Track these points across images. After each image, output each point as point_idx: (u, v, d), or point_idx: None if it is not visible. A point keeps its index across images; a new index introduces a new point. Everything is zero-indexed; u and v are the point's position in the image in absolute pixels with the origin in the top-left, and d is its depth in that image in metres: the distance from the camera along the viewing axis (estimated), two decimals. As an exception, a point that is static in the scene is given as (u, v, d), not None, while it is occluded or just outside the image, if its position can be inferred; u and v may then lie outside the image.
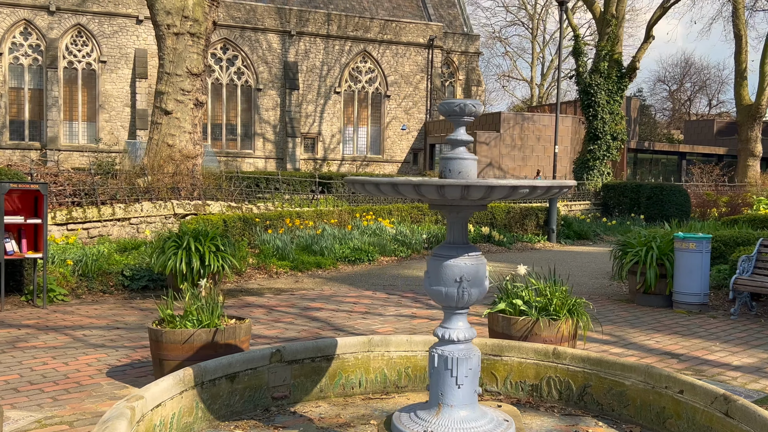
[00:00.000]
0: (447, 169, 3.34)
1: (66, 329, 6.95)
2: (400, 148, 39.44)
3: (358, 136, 38.76)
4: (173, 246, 8.58)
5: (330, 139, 37.88)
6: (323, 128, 37.48)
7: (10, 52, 30.88)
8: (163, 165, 14.43)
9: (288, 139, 36.02)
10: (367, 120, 38.90)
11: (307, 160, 37.21)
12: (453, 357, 3.33)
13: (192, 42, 14.11)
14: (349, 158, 38.30)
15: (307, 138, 37.35)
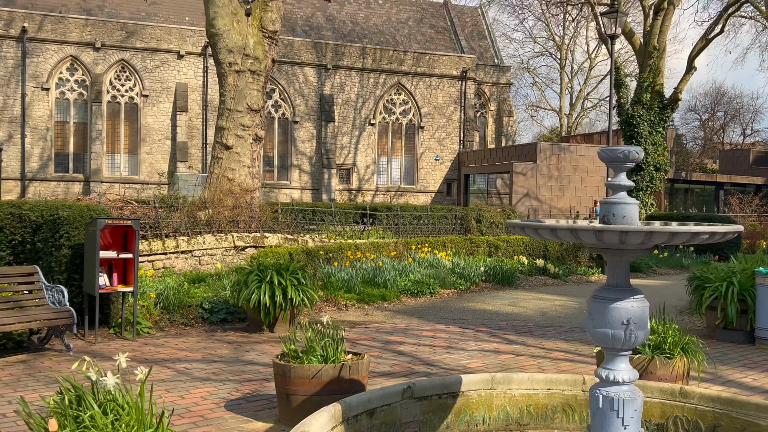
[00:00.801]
0: (611, 214, 3.47)
1: (165, 362, 7.13)
2: (433, 179, 39.67)
3: (392, 166, 39.09)
4: (256, 279, 8.78)
5: (364, 170, 38.24)
6: (358, 159, 37.87)
7: (57, 87, 31.78)
8: (222, 198, 14.73)
9: (324, 170, 36.43)
10: (400, 151, 39.25)
11: (342, 190, 37.54)
12: (619, 398, 3.43)
13: (252, 79, 14.50)
14: (383, 189, 38.59)
15: (342, 169, 37.74)
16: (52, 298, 7.59)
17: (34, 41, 30.77)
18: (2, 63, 30.46)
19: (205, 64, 33.79)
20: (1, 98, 30.57)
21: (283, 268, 8.92)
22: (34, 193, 31.32)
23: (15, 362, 7.00)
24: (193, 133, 34.13)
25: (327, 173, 36.45)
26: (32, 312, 7.13)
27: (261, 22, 14.43)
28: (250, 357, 7.47)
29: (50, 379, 6.33)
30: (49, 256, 8.93)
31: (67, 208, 8.93)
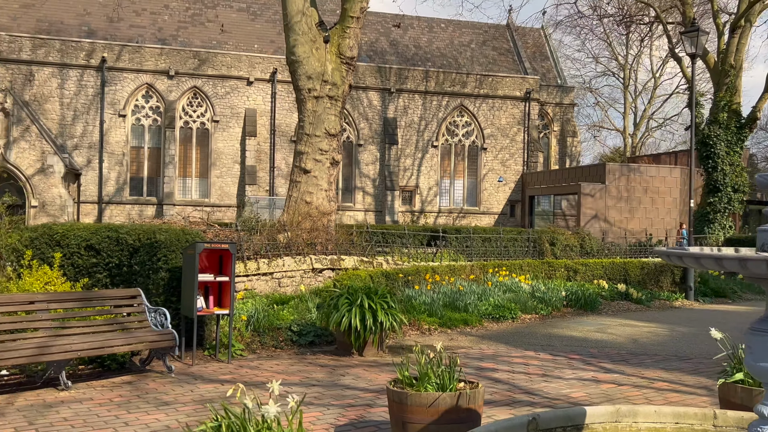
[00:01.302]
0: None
1: (264, 385, 7.19)
2: (496, 200, 39.34)
3: (454, 188, 38.97)
4: (346, 303, 8.82)
5: (427, 191, 38.25)
6: (420, 181, 37.92)
7: (133, 113, 33.01)
8: (301, 221, 14.93)
9: (387, 192, 36.59)
10: (463, 172, 39.12)
11: (404, 212, 37.61)
12: (782, 435, 3.27)
13: (330, 104, 14.72)
14: (446, 210, 38.47)
15: (405, 191, 37.84)
16: (155, 321, 7.79)
17: (113, 70, 32.10)
18: (83, 92, 31.86)
19: (273, 90, 34.56)
20: (82, 125, 31.92)
21: (372, 291, 8.94)
22: (109, 216, 32.47)
23: (121, 383, 7.19)
24: (261, 157, 34.83)
25: (390, 195, 36.61)
26: (137, 334, 7.33)
27: (339, 48, 14.68)
28: (347, 381, 7.48)
29: (159, 402, 6.47)
30: (146, 278, 9.19)
31: (164, 232, 9.19)
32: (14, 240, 10.01)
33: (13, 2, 32.91)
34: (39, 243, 10.08)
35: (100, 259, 9.76)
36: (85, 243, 9.81)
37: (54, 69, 31.49)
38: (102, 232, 9.83)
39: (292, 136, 34.90)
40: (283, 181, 35.00)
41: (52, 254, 9.82)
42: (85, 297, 7.53)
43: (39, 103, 31.34)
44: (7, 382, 6.99)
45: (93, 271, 9.77)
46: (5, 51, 30.77)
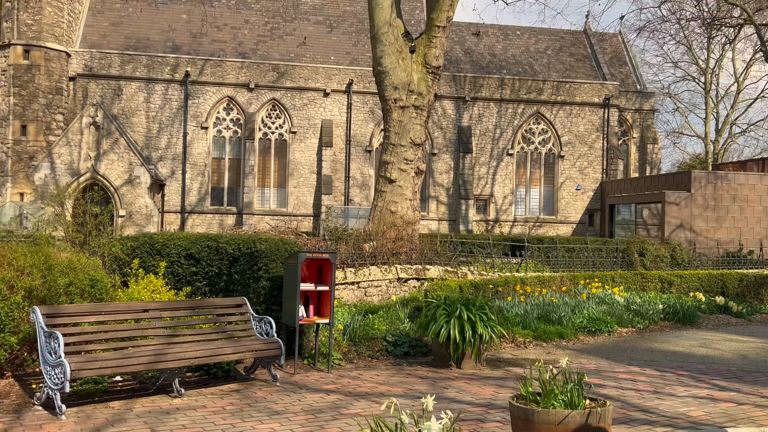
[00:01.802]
0: None
1: (370, 397, 7.17)
2: (574, 209, 38.44)
3: (530, 197, 38.31)
4: (444, 314, 8.71)
5: (502, 200, 37.74)
6: (495, 190, 37.46)
7: (215, 126, 33.95)
8: (385, 231, 14.94)
9: (461, 201, 36.31)
10: (539, 181, 38.43)
11: (478, 221, 37.21)
12: None
13: (416, 114, 14.69)
14: (521, 219, 37.85)
15: (479, 200, 37.45)
16: (260, 329, 7.89)
17: (196, 84, 33.15)
18: (168, 105, 33.01)
19: (348, 101, 34.89)
20: (166, 137, 33.06)
21: (470, 303, 8.80)
22: (191, 225, 33.45)
23: (229, 391, 7.29)
24: (337, 167, 35.19)
25: (464, 204, 36.30)
26: (245, 342, 7.43)
27: (425, 58, 14.65)
28: (451, 394, 7.36)
29: (271, 411, 6.51)
30: (246, 287, 9.34)
31: (263, 242, 9.33)
32: (117, 249, 10.38)
33: (103, 20, 34.48)
34: (140, 252, 10.42)
35: (199, 267, 10.00)
36: (185, 252, 10.08)
37: (141, 83, 32.77)
38: (202, 242, 10.07)
39: (367, 146, 35.18)
40: (358, 191, 35.28)
41: (153, 263, 10.13)
42: (195, 305, 7.70)
43: (126, 116, 32.66)
44: (121, 388, 7.20)
45: (193, 279, 10.02)
46: (96, 67, 32.25)
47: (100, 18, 34.69)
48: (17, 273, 7.07)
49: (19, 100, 30.46)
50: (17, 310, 6.73)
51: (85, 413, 6.23)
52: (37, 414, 6.15)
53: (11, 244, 8.01)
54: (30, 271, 7.17)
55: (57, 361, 6.03)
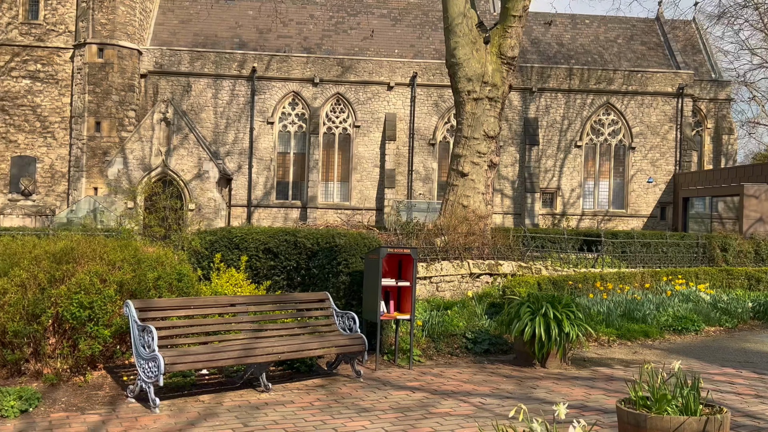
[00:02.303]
0: None
1: (456, 395, 7.00)
2: (645, 202, 37.25)
3: (599, 189, 37.31)
4: (528, 312, 8.46)
5: (569, 193, 36.88)
6: (562, 183, 36.63)
7: (280, 121, 34.32)
8: (457, 225, 14.72)
9: (526, 194, 35.66)
10: (608, 173, 37.37)
11: (545, 215, 36.49)
12: None
13: (490, 106, 14.40)
14: (590, 213, 36.91)
15: (546, 193, 36.71)
16: (342, 324, 7.82)
17: (262, 80, 33.56)
18: (235, 101, 33.55)
19: (412, 94, 34.72)
20: (234, 132, 33.62)
21: (556, 300, 8.52)
22: (257, 218, 33.96)
23: (314, 386, 7.25)
24: (400, 160, 35.08)
25: (530, 197, 35.64)
26: (329, 337, 7.37)
27: (500, 48, 14.33)
28: (540, 394, 7.13)
29: (358, 407, 6.43)
30: (325, 282, 9.31)
31: (342, 236, 9.27)
32: (197, 243, 10.51)
33: (173, 18, 35.28)
34: (219, 246, 10.53)
35: (277, 262, 10.02)
36: (263, 246, 10.12)
37: (209, 80, 33.41)
38: (279, 236, 10.09)
39: (430, 140, 34.92)
40: (421, 184, 35.08)
41: (231, 257, 10.22)
42: (279, 300, 7.70)
43: (195, 112, 33.35)
44: (208, 382, 7.25)
45: (271, 273, 10.06)
46: (166, 64, 33.03)
47: (170, 16, 35.51)
48: (109, 267, 7.20)
49: (94, 98, 31.47)
50: (110, 303, 6.85)
51: (177, 406, 6.28)
52: (131, 407, 6.24)
53: (99, 238, 8.18)
54: (121, 265, 7.29)
55: (151, 354, 6.09)
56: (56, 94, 32.32)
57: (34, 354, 6.80)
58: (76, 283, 6.76)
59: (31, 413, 5.90)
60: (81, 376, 6.91)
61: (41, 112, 32.31)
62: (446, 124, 35.27)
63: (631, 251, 19.20)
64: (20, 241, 8.29)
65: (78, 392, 6.55)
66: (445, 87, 35.18)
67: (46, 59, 32.22)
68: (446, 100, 35.06)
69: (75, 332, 6.82)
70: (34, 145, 32.45)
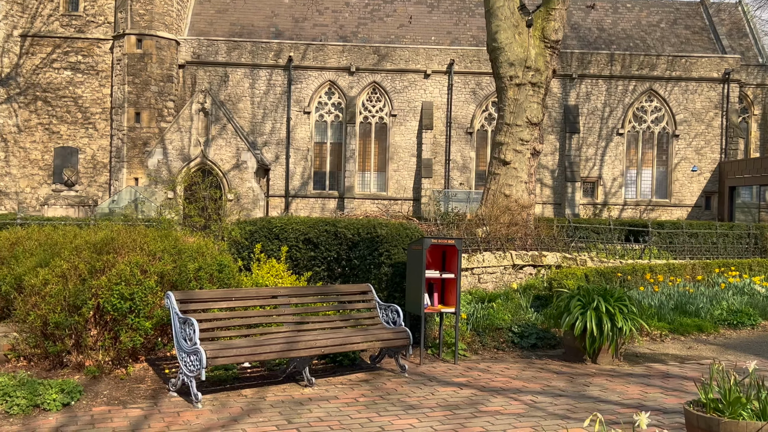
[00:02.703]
0: None
1: (505, 392, 6.73)
2: (689, 191, 36.26)
3: (641, 178, 36.41)
4: (579, 305, 8.12)
5: (611, 182, 36.07)
6: (604, 172, 35.84)
7: (317, 110, 34.20)
8: (499, 215, 14.37)
9: (566, 183, 34.97)
10: (651, 162, 36.45)
11: (586, 205, 35.76)
12: None
13: (533, 92, 13.98)
14: (632, 203, 36.07)
15: (587, 182, 35.97)
16: (386, 317, 7.60)
17: (299, 69, 33.46)
18: (272, 91, 33.54)
19: (449, 82, 34.27)
20: (271, 123, 33.63)
21: (608, 293, 8.16)
22: (294, 209, 33.98)
23: (358, 381, 7.05)
24: (437, 149, 34.71)
25: (570, 187, 34.94)
26: (373, 331, 7.15)
27: (543, 32, 13.88)
28: (594, 392, 6.81)
29: (406, 405, 6.21)
30: (367, 273, 9.09)
31: (384, 227, 9.04)
32: (237, 233, 10.38)
33: (209, 8, 35.37)
34: (258, 236, 10.38)
35: (317, 252, 9.84)
36: (303, 237, 9.95)
37: (246, 70, 33.43)
38: (320, 226, 9.90)
39: (468, 128, 34.45)
40: (458, 174, 34.67)
41: (271, 247, 10.07)
42: (321, 292, 7.50)
43: (233, 102, 33.44)
44: (250, 375, 7.11)
45: (311, 264, 9.88)
46: (203, 54, 33.15)
47: (207, 5, 35.60)
48: (149, 258, 7.09)
49: (133, 88, 31.75)
50: (150, 294, 6.73)
51: (220, 401, 6.14)
52: (173, 401, 6.12)
53: (139, 228, 8.08)
54: (161, 255, 7.17)
55: (192, 348, 5.95)
56: (96, 85, 32.70)
57: (75, 346, 6.73)
58: (117, 274, 6.66)
59: (73, 407, 5.81)
60: (123, 369, 6.82)
61: (82, 103, 32.72)
62: (484, 112, 34.77)
63: (679, 242, 18.60)
64: (61, 231, 8.26)
65: (120, 385, 6.46)
66: (483, 74, 34.64)
67: (87, 50, 32.59)
68: (484, 87, 34.53)
69: (116, 324, 6.73)
70: (76, 136, 32.91)
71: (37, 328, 6.65)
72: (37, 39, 32.42)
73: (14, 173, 32.54)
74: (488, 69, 35.34)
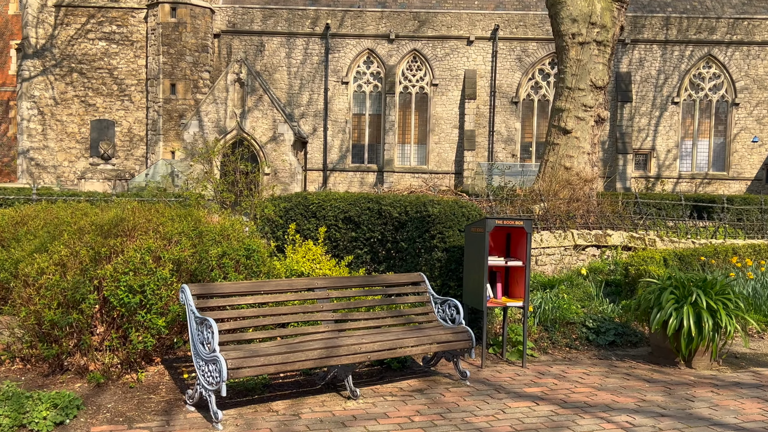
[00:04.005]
0: None
1: (593, 409, 5.49)
2: (749, 164, 34.10)
3: (697, 150, 34.35)
4: (672, 299, 6.79)
5: (665, 154, 34.09)
6: (657, 143, 33.88)
7: (355, 80, 32.88)
8: (558, 190, 13.00)
9: (618, 155, 33.11)
10: (708, 132, 34.32)
11: (638, 178, 33.92)
12: None
13: (598, 51, 12.48)
14: (687, 176, 34.07)
15: (639, 154, 34.07)
16: (442, 314, 6.40)
17: (336, 37, 32.15)
18: (308, 60, 32.31)
19: (494, 49, 32.58)
20: (308, 94, 32.46)
21: (708, 285, 6.82)
22: (333, 183, 32.91)
23: (410, 391, 5.88)
24: (480, 121, 33.17)
25: (622, 159, 33.08)
26: (428, 331, 5.95)
27: (611, -17, 12.34)
28: (703, 411, 5.51)
29: (471, 427, 5.02)
30: (416, 258, 7.90)
31: (436, 204, 7.80)
32: (270, 211, 9.29)
33: (244, -24, 34.15)
34: (294, 214, 9.27)
35: (359, 233, 8.69)
36: (343, 215, 8.80)
37: (282, 38, 32.25)
38: (361, 203, 8.74)
39: (513, 98, 32.80)
40: (503, 146, 33.13)
41: (308, 226, 8.96)
42: (366, 282, 6.30)
43: (269, 73, 32.34)
44: (283, 381, 6.00)
45: (352, 246, 8.74)
46: (239, 23, 32.04)
47: (242, -27, 34.37)
48: (164, 242, 5.99)
49: (168, 59, 30.86)
50: (164, 286, 5.65)
51: (245, 419, 5.04)
52: (189, 417, 5.04)
53: (158, 206, 7.00)
54: (179, 239, 6.07)
55: (211, 355, 4.84)
56: (132, 56, 31.90)
57: (77, 346, 5.70)
58: (124, 261, 5.59)
59: (67, 426, 4.77)
60: (133, 374, 5.78)
61: (118, 75, 32.00)
62: (530, 80, 33.06)
63: (749, 219, 16.94)
64: (69, 209, 7.23)
65: (128, 395, 5.41)
66: (530, 40, 32.83)
67: (121, 20, 31.75)
68: (530, 54, 32.76)
69: (125, 321, 5.67)
70: (112, 109, 32.25)
71: (31, 326, 5.63)
72: (71, 9, 31.67)
73: (52, 146, 32.09)
74: (535, 34, 33.56)
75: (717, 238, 13.75)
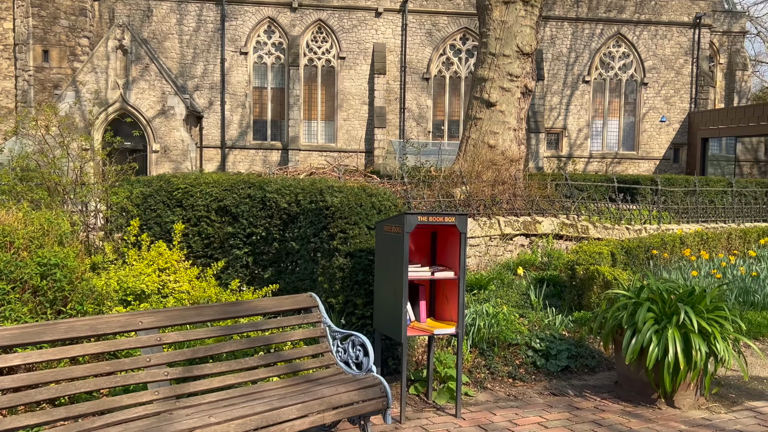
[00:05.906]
0: None
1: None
2: (658, 143, 34.11)
3: (608, 129, 34.02)
4: (651, 317, 5.09)
5: (576, 134, 33.53)
6: (569, 122, 33.25)
7: (255, 51, 30.25)
8: (481, 171, 11.27)
9: (531, 134, 32.15)
10: (618, 112, 34.03)
11: (549, 157, 33.22)
12: None
13: (524, 12, 10.76)
14: (598, 155, 33.68)
15: (551, 133, 33.37)
16: (344, 355, 4.39)
17: (233, 3, 29.36)
18: (203, 28, 29.36)
19: (403, 22, 30.75)
20: (202, 64, 29.55)
21: (696, 300, 5.15)
22: (233, 162, 30.30)
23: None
24: (390, 97, 31.35)
25: (535, 138, 32.13)
26: (323, 390, 3.92)
27: (542, -70, 10.61)
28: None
29: None
30: (310, 264, 5.87)
31: (336, 192, 5.76)
32: (121, 197, 7.02)
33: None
34: (154, 202, 7.05)
35: (238, 228, 6.58)
36: (217, 204, 6.67)
37: (172, 4, 29.13)
38: (240, 189, 6.63)
39: (424, 74, 31.18)
40: (414, 124, 31.49)
41: (172, 218, 6.77)
42: (226, 314, 4.16)
43: (158, 41, 29.17)
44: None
45: (228, 245, 6.63)
46: (122, -16, 28.65)
47: (125, -73, 30.77)
48: None
49: (39, 22, 27.13)
50: None
51: None
52: None
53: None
54: None
55: None
56: (-5, 18, 27.86)
57: None
58: None
59: None
60: None
61: (-22, 40, 27.90)
62: (441, 56, 31.50)
63: (674, 201, 15.93)
64: None
65: None
66: (440, 14, 31.18)
67: (-20, -24, 27.63)
68: (441, 28, 31.16)
69: None
70: (-27, 78, 28.17)
71: None
72: None
73: None
74: (446, 8, 31.93)
75: (651, 223, 12.49)
